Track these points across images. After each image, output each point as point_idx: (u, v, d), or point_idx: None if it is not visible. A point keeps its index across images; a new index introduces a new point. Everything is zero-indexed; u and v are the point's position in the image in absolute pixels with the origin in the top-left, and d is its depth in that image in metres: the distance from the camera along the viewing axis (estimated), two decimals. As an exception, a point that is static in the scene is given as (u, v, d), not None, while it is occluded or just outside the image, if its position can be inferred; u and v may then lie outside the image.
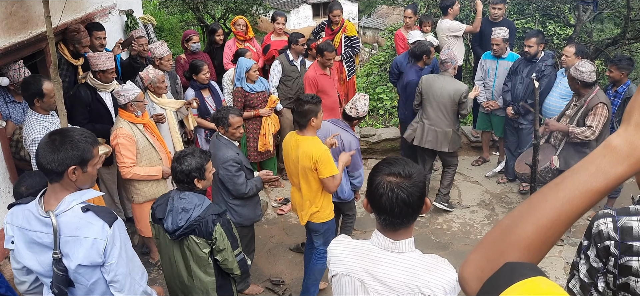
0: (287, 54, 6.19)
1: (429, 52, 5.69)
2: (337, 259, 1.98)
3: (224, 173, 3.90)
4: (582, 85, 4.68)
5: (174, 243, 3.06)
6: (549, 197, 0.85)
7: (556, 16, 10.21)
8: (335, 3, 6.91)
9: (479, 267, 0.90)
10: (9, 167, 4.26)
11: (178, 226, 2.92)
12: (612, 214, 2.00)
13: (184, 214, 2.93)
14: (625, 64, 5.19)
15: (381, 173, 1.82)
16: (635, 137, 0.81)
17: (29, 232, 2.23)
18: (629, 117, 0.83)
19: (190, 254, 3.05)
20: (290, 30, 7.10)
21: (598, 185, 0.81)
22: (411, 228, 1.88)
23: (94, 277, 2.29)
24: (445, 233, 5.60)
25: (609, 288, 2.05)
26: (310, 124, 3.75)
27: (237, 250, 3.12)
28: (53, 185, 2.23)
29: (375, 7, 30.24)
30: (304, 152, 3.73)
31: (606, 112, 4.60)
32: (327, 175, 3.72)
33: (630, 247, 1.93)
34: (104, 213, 2.25)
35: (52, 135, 2.21)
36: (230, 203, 4.07)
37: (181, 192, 3.06)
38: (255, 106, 5.76)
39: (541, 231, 0.84)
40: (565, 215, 0.83)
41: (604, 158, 0.83)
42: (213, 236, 2.97)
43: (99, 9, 6.07)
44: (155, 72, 4.97)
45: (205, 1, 15.07)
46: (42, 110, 4.00)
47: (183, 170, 3.01)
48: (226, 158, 3.88)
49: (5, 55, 4.13)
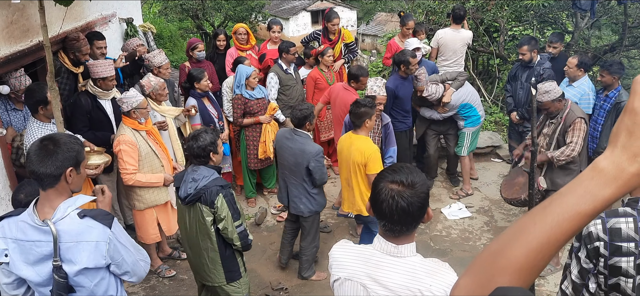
0: (280, 64, 6.20)
1: (408, 62, 5.66)
2: (339, 263, 1.99)
3: (315, 165, 4.35)
4: (559, 100, 4.60)
5: (186, 209, 3.47)
6: (538, 219, 0.84)
7: (554, 23, 10.25)
8: (334, 12, 6.91)
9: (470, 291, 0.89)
10: (9, 174, 4.26)
11: (187, 194, 3.34)
12: (602, 216, 2.04)
13: (193, 183, 3.33)
14: (616, 68, 5.25)
15: (384, 180, 1.84)
16: (622, 159, 0.80)
17: (25, 243, 2.23)
18: (615, 139, 0.82)
19: (196, 220, 3.43)
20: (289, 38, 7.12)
21: (586, 208, 0.81)
22: (413, 234, 1.89)
23: (97, 278, 2.32)
24: (445, 239, 5.61)
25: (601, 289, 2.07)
26: (364, 125, 4.22)
27: (237, 221, 3.41)
28: (46, 192, 2.24)
29: (374, 15, 30.35)
30: (357, 148, 4.18)
31: (585, 125, 4.54)
32: (374, 172, 4.11)
33: (620, 248, 1.97)
34: (100, 216, 2.29)
35: (44, 141, 2.25)
36: (312, 192, 4.52)
37: (195, 166, 3.43)
38: (255, 113, 5.78)
39: (531, 255, 0.83)
40: (554, 238, 0.82)
41: (591, 180, 0.82)
42: (215, 205, 3.31)
43: (99, 17, 6.10)
44: (157, 80, 5.01)
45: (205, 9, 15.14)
46: (45, 118, 4.03)
47: (200, 146, 3.37)
48: (317, 151, 4.36)
49: (6, 64, 4.15)
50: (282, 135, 4.62)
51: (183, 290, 4.89)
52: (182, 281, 5.00)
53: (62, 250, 2.21)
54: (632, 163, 0.79)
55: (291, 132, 4.54)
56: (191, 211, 3.45)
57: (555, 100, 4.58)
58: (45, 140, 2.26)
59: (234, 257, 3.59)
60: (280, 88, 6.16)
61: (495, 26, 10.17)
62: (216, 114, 5.69)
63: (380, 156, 4.32)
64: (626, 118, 0.82)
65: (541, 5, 9.36)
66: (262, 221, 5.98)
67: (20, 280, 2.34)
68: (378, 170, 4.04)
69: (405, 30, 7.09)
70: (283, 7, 30.61)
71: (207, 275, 3.59)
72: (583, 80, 5.49)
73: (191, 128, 5.58)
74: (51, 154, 2.20)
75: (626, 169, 0.80)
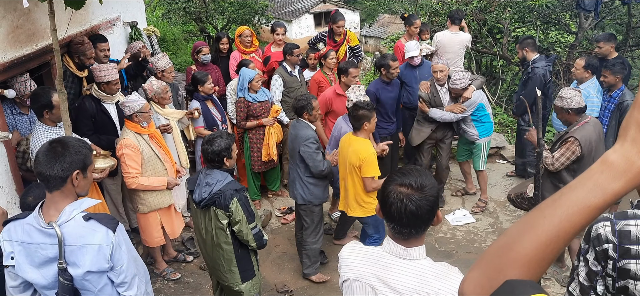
0: (285, 66, 6.20)
1: (388, 66, 5.62)
2: (348, 265, 1.99)
3: (305, 150, 4.43)
4: (573, 113, 4.22)
5: (201, 213, 3.53)
6: (547, 213, 0.85)
7: (557, 24, 10.24)
8: (339, 14, 6.84)
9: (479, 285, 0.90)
10: (15, 179, 4.28)
11: (202, 198, 3.40)
12: (611, 218, 2.03)
13: (207, 188, 3.39)
14: (619, 68, 5.25)
15: (393, 183, 1.84)
16: (631, 153, 0.81)
17: (31, 245, 2.24)
18: (624, 133, 0.83)
19: (212, 223, 3.48)
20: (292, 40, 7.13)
21: (596, 201, 0.81)
22: (423, 237, 1.89)
23: (101, 283, 2.32)
24: (450, 241, 5.60)
25: (608, 291, 2.07)
26: (363, 127, 4.23)
27: (252, 223, 3.47)
28: (52, 194, 2.26)
29: (377, 17, 30.36)
30: (354, 150, 4.21)
31: (576, 148, 4.13)
32: (368, 175, 4.19)
33: (629, 250, 1.96)
34: (105, 219, 2.30)
35: (53, 143, 2.28)
36: (305, 179, 4.59)
37: (209, 170, 3.48)
38: (258, 116, 5.78)
39: (540, 248, 0.83)
40: (564, 232, 0.82)
41: (601, 174, 0.82)
42: (230, 209, 3.35)
43: (103, 21, 6.12)
44: (159, 83, 5.02)
45: (208, 12, 15.17)
46: (51, 122, 4.04)
47: (214, 151, 3.41)
48: (307, 136, 4.43)
49: (11, 68, 4.17)
50: (292, 124, 4.81)
51: (188, 293, 4.89)
52: (187, 284, 5.01)
53: (67, 252, 2.23)
54: None
55: (295, 120, 4.71)
56: (206, 215, 3.51)
57: (566, 109, 4.22)
58: (54, 143, 2.28)
59: (249, 256, 3.66)
60: (284, 90, 6.16)
61: (498, 27, 10.15)
62: (220, 117, 5.70)
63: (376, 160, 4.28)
64: (636, 111, 0.83)
65: (544, 6, 9.35)
66: (267, 223, 5.98)
67: (27, 284, 2.34)
68: (373, 174, 4.17)
69: (413, 29, 7.08)
70: (286, 10, 30.63)
71: (223, 275, 3.66)
72: (590, 82, 5.45)
73: (194, 132, 5.60)
74: (59, 156, 2.22)
75: (636, 162, 0.81)
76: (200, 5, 15.17)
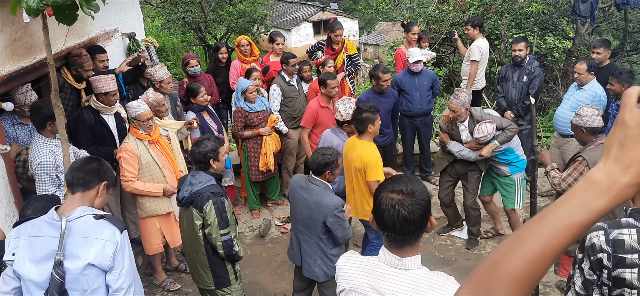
0: (283, 76, 6.21)
1: (378, 78, 5.57)
2: (344, 275, 2.01)
3: (334, 221, 3.62)
4: (588, 132, 4.00)
5: (183, 211, 3.61)
6: (535, 230, 0.85)
7: (554, 29, 10.28)
8: (337, 23, 6.85)
9: None
10: (14, 191, 4.28)
11: (183, 196, 3.48)
12: (604, 227, 2.03)
13: (190, 187, 3.46)
14: (626, 76, 5.29)
15: (385, 190, 1.86)
16: (614, 171, 0.82)
17: (37, 238, 2.36)
18: (607, 151, 0.84)
19: (189, 222, 3.55)
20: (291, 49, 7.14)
21: (581, 219, 0.82)
22: (417, 245, 1.90)
23: (96, 283, 2.39)
24: (449, 248, 5.59)
25: None
26: (367, 130, 4.16)
27: (224, 230, 3.46)
28: (72, 196, 2.44)
29: (376, 24, 30.42)
30: (358, 154, 4.16)
31: (584, 169, 3.89)
32: (372, 179, 4.12)
33: (623, 260, 1.96)
34: (114, 220, 2.48)
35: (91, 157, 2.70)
36: (329, 253, 3.78)
37: (196, 171, 3.56)
38: (255, 125, 5.79)
39: (528, 266, 0.84)
40: (550, 249, 0.83)
41: (585, 191, 0.83)
42: (204, 210, 3.41)
43: (101, 32, 6.14)
44: (155, 96, 5.03)
45: (207, 21, 15.24)
46: (52, 133, 4.10)
47: (200, 152, 3.50)
48: (335, 205, 3.62)
49: (9, 81, 4.19)
50: (297, 183, 3.88)
51: (187, 304, 4.89)
52: (186, 294, 5.00)
53: (71, 244, 2.33)
54: (624, 174, 0.81)
55: (307, 180, 3.81)
56: (185, 213, 3.60)
57: (580, 128, 4.00)
58: (92, 157, 2.67)
59: (223, 264, 3.64)
60: (283, 99, 6.18)
61: (496, 34, 10.19)
62: (216, 127, 5.71)
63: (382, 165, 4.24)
64: (617, 130, 0.84)
65: (541, 13, 9.39)
66: (267, 233, 5.98)
67: (18, 290, 2.42)
68: (376, 177, 4.11)
69: (411, 36, 7.09)
70: (285, 18, 30.75)
71: (198, 276, 3.71)
72: (594, 82, 5.58)
73: (192, 142, 5.60)
74: (92, 165, 2.52)
75: (619, 180, 0.81)
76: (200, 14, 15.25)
